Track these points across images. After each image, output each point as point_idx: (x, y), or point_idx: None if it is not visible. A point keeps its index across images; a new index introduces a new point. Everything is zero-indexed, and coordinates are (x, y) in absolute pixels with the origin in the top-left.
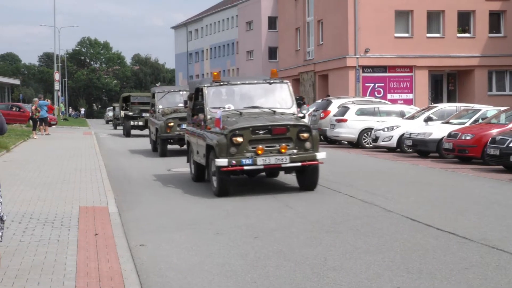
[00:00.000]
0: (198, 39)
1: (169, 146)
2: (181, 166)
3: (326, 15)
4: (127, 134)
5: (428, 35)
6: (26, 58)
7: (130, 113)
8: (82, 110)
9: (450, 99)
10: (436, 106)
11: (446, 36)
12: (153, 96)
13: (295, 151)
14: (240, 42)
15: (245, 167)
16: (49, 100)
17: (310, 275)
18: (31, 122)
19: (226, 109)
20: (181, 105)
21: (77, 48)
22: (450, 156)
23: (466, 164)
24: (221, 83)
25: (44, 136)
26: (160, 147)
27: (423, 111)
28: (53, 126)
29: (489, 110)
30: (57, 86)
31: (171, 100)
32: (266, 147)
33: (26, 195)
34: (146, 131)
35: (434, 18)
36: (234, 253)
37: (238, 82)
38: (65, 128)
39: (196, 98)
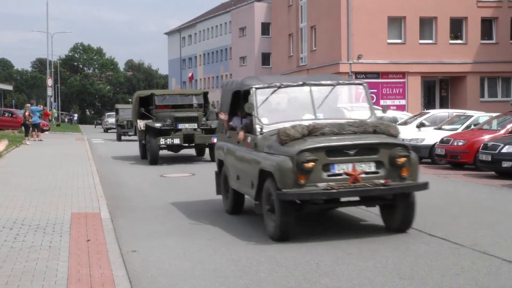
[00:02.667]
0: (191, 45)
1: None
2: (173, 172)
3: (319, 21)
4: (152, 159)
5: (421, 41)
6: (19, 64)
7: (158, 125)
8: (75, 116)
9: (443, 105)
10: (428, 112)
11: (438, 43)
12: (239, 96)
13: None
14: (233, 48)
15: None
16: (42, 106)
17: (302, 281)
18: (23, 128)
19: None
20: (310, 116)
21: (70, 54)
22: (442, 162)
23: (458, 170)
24: None
25: (37, 142)
26: (279, 221)
27: (416, 117)
28: (46, 132)
29: (481, 116)
30: (49, 91)
31: (284, 106)
32: None
33: (18, 201)
34: (184, 152)
35: (426, 25)
36: (226, 259)
37: None
38: (58, 134)
39: None
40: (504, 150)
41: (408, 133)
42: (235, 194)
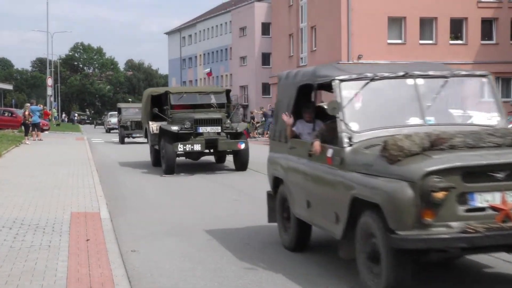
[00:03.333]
0: (192, 45)
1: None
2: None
3: (320, 21)
4: (168, 168)
5: (421, 41)
6: (19, 63)
7: (174, 128)
8: (76, 115)
9: None
10: None
11: (438, 43)
12: (309, 92)
13: None
14: (234, 48)
15: None
16: (41, 106)
17: (302, 281)
18: (23, 127)
19: None
20: (417, 120)
21: (70, 54)
22: None
23: None
24: None
25: (36, 141)
26: (389, 278)
27: None
28: (46, 132)
29: None
30: (49, 91)
31: (380, 106)
32: None
33: (18, 200)
34: (206, 160)
35: (427, 25)
36: (226, 259)
37: None
38: (58, 133)
39: None
40: None
41: None
42: (300, 224)
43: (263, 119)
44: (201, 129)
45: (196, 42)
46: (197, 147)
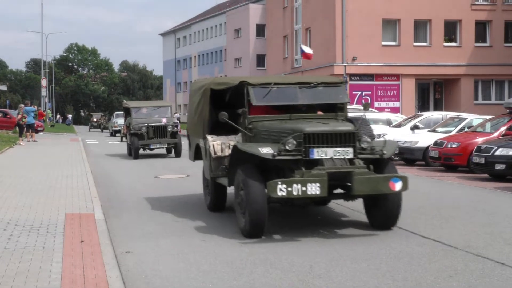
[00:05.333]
0: (186, 46)
1: None
2: (167, 173)
3: (314, 23)
4: (255, 227)
5: (415, 43)
6: (13, 64)
7: (266, 151)
8: (69, 117)
9: (437, 107)
10: (422, 115)
11: (433, 45)
12: None
13: None
14: (228, 50)
15: None
16: (35, 106)
17: (296, 282)
18: (17, 128)
19: None
20: None
21: (64, 54)
22: (436, 164)
23: (452, 172)
24: None
25: (31, 142)
26: None
27: (410, 119)
28: (40, 133)
29: (474, 118)
30: (44, 92)
31: None
32: None
33: (12, 201)
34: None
35: (421, 27)
36: (220, 260)
37: None
38: (52, 134)
39: None
40: (497, 153)
41: (402, 135)
42: None
43: None
44: (317, 153)
45: (190, 44)
46: (314, 190)
